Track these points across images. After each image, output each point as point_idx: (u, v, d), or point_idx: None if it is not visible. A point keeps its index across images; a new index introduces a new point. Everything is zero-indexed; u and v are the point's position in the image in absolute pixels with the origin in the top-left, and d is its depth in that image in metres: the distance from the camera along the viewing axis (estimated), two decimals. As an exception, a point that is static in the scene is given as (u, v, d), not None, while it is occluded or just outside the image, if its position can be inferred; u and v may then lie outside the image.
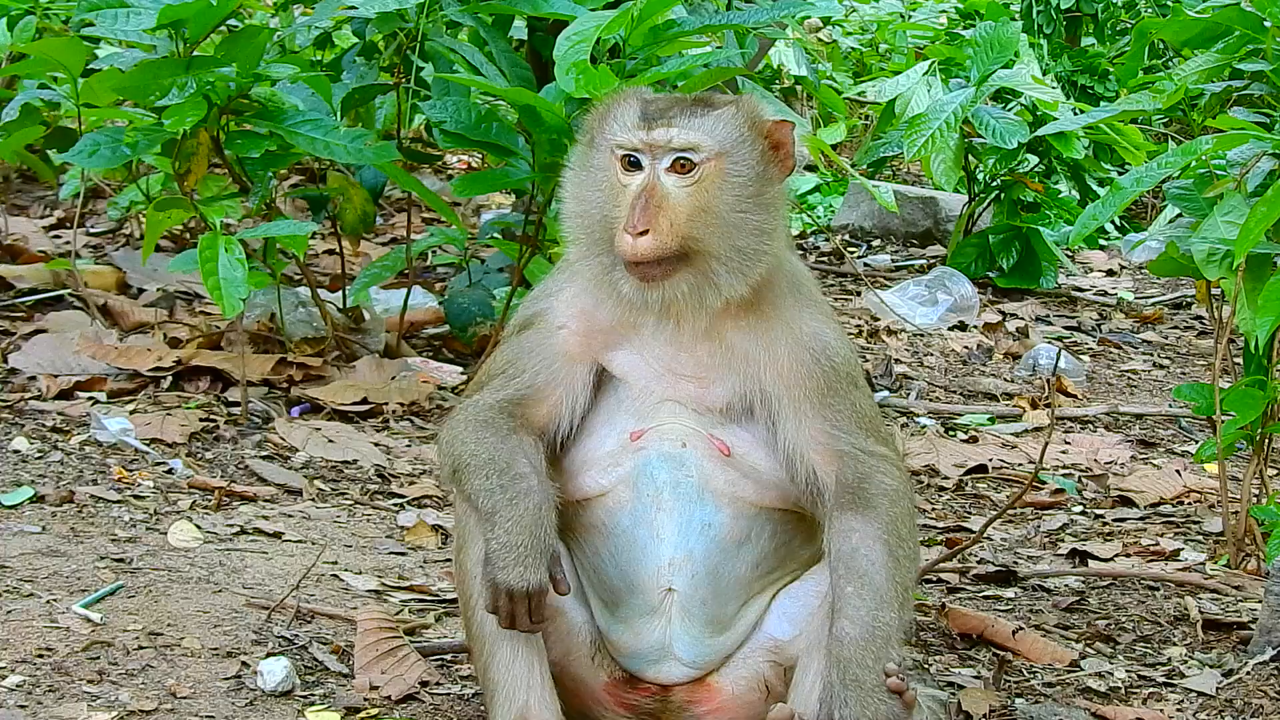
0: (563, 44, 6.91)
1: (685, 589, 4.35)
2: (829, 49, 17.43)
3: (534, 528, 4.20)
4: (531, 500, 4.23)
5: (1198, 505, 7.42)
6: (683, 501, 4.33)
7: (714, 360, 4.38)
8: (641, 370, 4.40)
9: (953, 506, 7.29)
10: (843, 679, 4.10)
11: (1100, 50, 16.49)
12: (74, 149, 7.21)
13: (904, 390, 9.14)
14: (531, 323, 4.51)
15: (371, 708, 4.75)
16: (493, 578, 4.19)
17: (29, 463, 6.47)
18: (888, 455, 4.37)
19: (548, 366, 4.43)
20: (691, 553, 4.34)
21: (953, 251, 11.83)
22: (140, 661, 4.83)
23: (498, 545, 4.20)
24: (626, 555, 4.37)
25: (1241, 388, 6.23)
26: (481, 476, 4.30)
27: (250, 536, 6.05)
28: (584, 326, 4.43)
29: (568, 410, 4.43)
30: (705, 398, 4.38)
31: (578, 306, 4.44)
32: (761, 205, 4.31)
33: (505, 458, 4.31)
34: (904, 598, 4.26)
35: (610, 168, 4.33)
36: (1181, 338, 11.03)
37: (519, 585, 4.16)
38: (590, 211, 4.36)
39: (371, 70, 8.58)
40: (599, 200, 4.34)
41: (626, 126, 4.32)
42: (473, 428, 4.40)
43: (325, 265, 9.81)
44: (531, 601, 4.18)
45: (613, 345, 4.43)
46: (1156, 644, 5.68)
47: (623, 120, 4.34)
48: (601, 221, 4.32)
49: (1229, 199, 6.15)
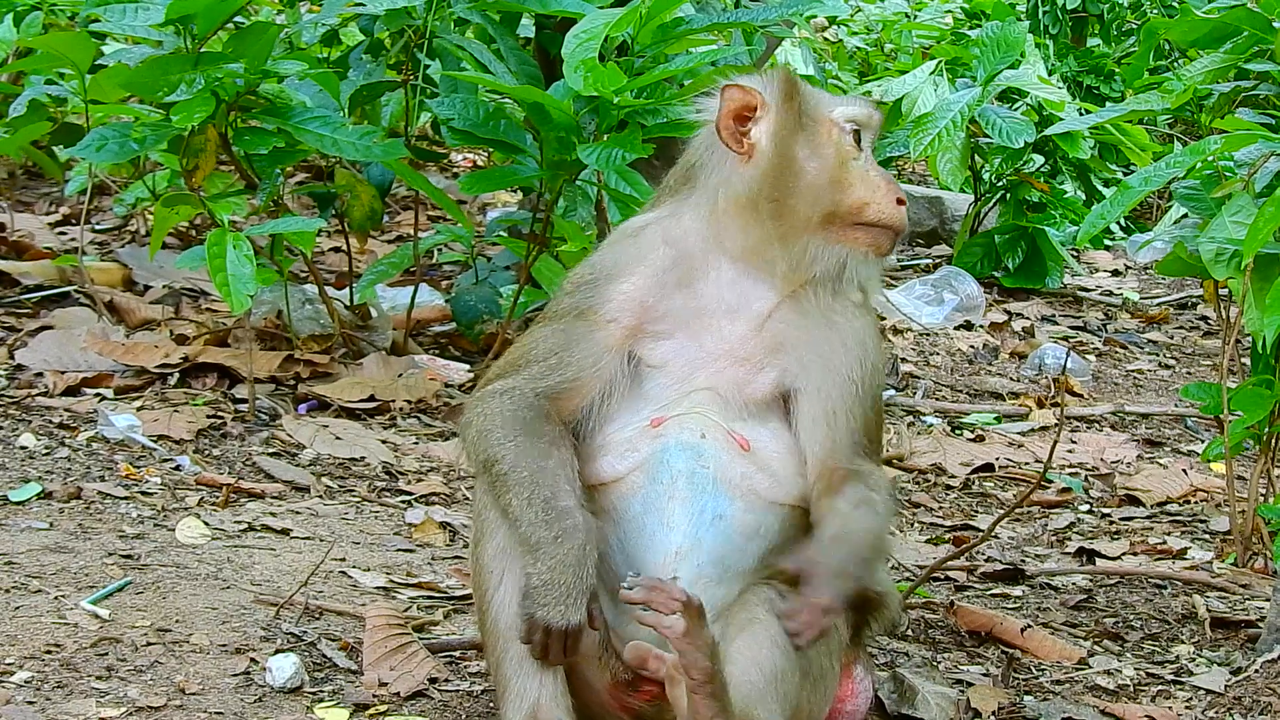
0: (571, 41, 6.92)
1: (690, 578, 4.32)
2: (834, 49, 17.42)
3: (577, 567, 4.17)
4: (577, 540, 4.19)
5: (1204, 504, 7.43)
6: (696, 491, 4.32)
7: (774, 343, 4.40)
8: (685, 357, 4.40)
9: (960, 505, 7.29)
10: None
11: (1106, 51, 16.48)
12: (81, 144, 7.21)
13: (910, 389, 9.15)
14: (584, 314, 4.44)
15: (380, 704, 4.75)
16: (531, 614, 4.16)
17: (36, 459, 6.48)
18: (874, 472, 4.43)
19: (593, 362, 4.40)
20: (700, 542, 4.33)
21: (959, 251, 11.83)
22: (149, 658, 4.83)
23: (539, 582, 4.16)
24: (635, 542, 4.35)
25: (1249, 387, 6.23)
26: (523, 500, 4.24)
27: (258, 533, 6.05)
28: (635, 320, 4.41)
29: (600, 399, 4.40)
30: (749, 385, 4.38)
31: (637, 299, 4.42)
32: None
33: (549, 484, 4.25)
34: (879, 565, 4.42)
35: (834, 140, 4.41)
36: (1187, 338, 11.03)
37: (559, 624, 4.14)
38: (815, 182, 4.40)
39: (379, 67, 8.57)
40: (824, 172, 4.40)
41: (850, 101, 4.49)
42: (509, 425, 4.33)
43: (332, 262, 9.81)
44: (569, 639, 4.16)
45: (661, 335, 4.42)
46: (1164, 642, 5.68)
47: (834, 97, 4.51)
48: (829, 187, 4.38)
49: (1237, 199, 6.16)
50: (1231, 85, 7.32)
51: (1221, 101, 7.46)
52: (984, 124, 10.82)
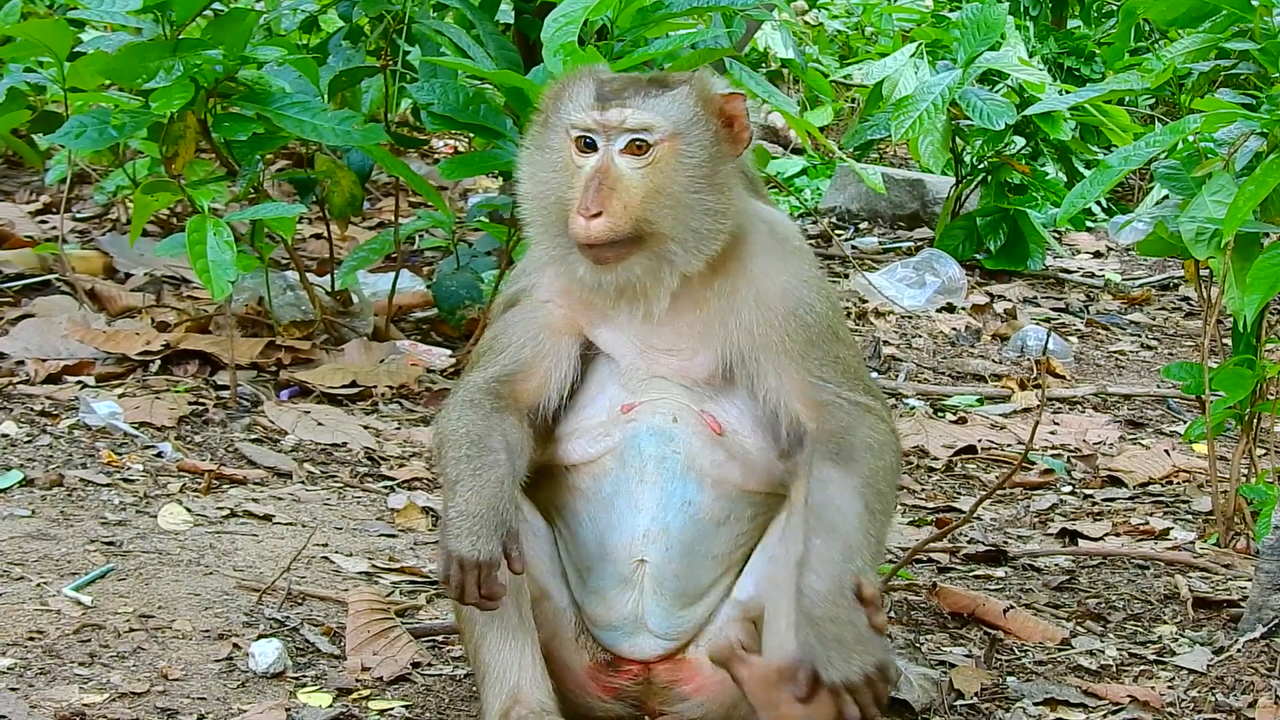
0: (550, 26, 6.90)
1: (658, 561, 4.34)
2: (815, 32, 17.40)
3: (494, 500, 4.15)
4: (495, 473, 4.19)
5: (1187, 485, 7.43)
6: (666, 477, 4.33)
7: (692, 330, 4.35)
8: (625, 347, 4.39)
9: (942, 487, 7.30)
10: (820, 638, 4.00)
11: (1086, 32, 16.49)
12: (60, 131, 7.20)
13: (892, 372, 9.15)
14: (516, 299, 4.49)
15: (363, 689, 4.75)
16: (445, 545, 4.13)
17: (18, 447, 6.47)
18: (872, 406, 4.33)
19: (533, 340, 4.41)
20: (668, 527, 4.33)
21: (940, 233, 11.83)
22: (131, 644, 4.84)
23: (455, 513, 4.14)
24: (604, 521, 4.37)
25: (1230, 367, 6.24)
26: (453, 448, 4.26)
27: (240, 519, 6.05)
28: (567, 302, 4.41)
29: (555, 384, 4.41)
30: (689, 370, 4.36)
31: (561, 283, 4.41)
32: (715, 185, 4.26)
33: (480, 431, 4.28)
34: (876, 550, 4.19)
35: (565, 148, 4.28)
36: (1169, 318, 11.04)
37: (470, 555, 4.09)
38: (545, 193, 4.31)
39: (358, 53, 8.57)
40: (554, 181, 4.29)
41: (581, 106, 4.27)
42: (459, 408, 4.37)
43: (313, 249, 9.80)
44: (481, 572, 4.09)
45: (596, 321, 4.41)
46: (1147, 622, 5.68)
47: (578, 100, 4.28)
48: (556, 203, 4.27)
49: (1217, 178, 6.16)
50: (1211, 64, 7.33)
51: (1201, 81, 7.47)
52: (965, 106, 10.82)
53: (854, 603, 4.03)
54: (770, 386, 4.31)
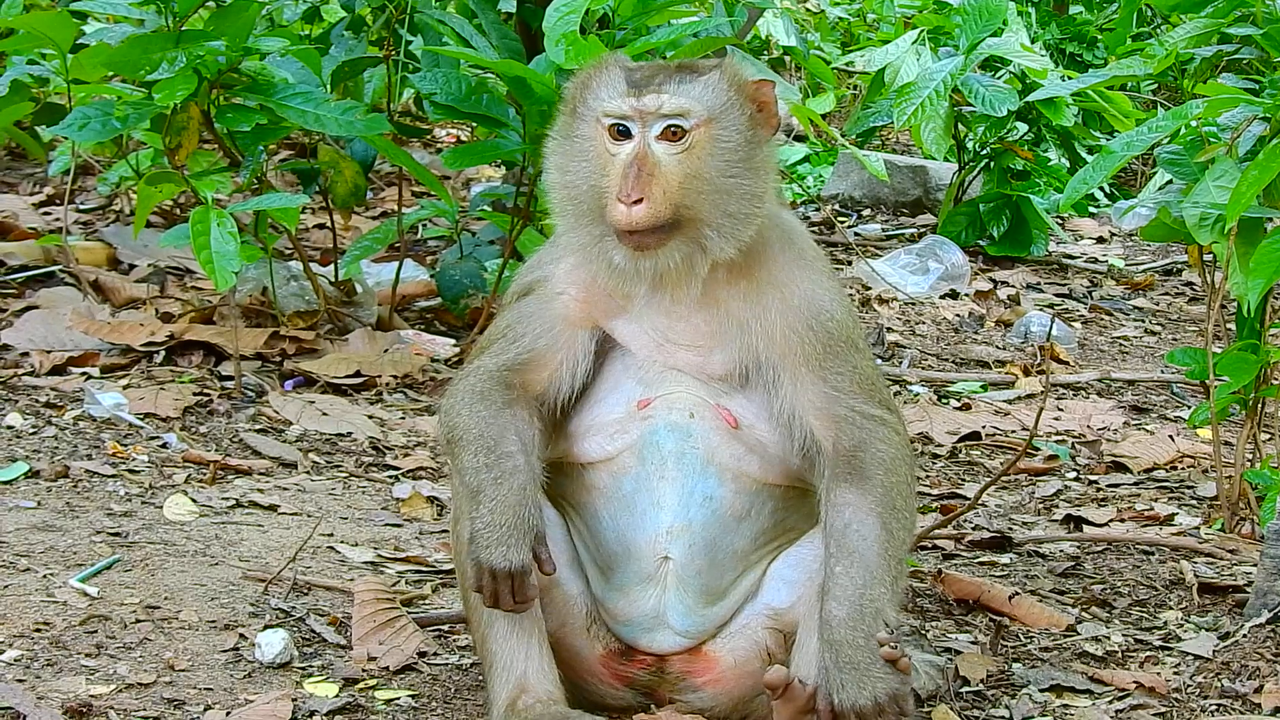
0: (552, 15, 6.91)
1: (681, 558, 4.35)
2: (816, 19, 17.38)
3: (518, 507, 4.19)
4: (517, 480, 4.22)
5: (1191, 470, 7.43)
6: (686, 473, 4.33)
7: (710, 328, 4.36)
8: (642, 340, 4.39)
9: (947, 473, 7.29)
10: (837, 662, 4.10)
11: (1088, 18, 16.46)
12: (64, 122, 7.20)
13: (896, 358, 9.15)
14: (531, 289, 4.48)
15: (369, 678, 4.75)
16: (476, 557, 4.18)
17: (23, 438, 6.48)
18: (886, 419, 4.34)
19: (548, 331, 4.41)
20: (690, 523, 4.34)
21: (943, 220, 11.82)
22: (138, 635, 4.84)
23: (482, 525, 4.19)
24: (626, 520, 4.37)
25: (1234, 352, 6.23)
26: (471, 453, 4.29)
27: (245, 510, 6.05)
28: (584, 294, 4.41)
29: (568, 375, 4.42)
30: (705, 366, 4.37)
31: (577, 276, 4.41)
32: (751, 169, 4.28)
33: (495, 434, 4.29)
34: (897, 570, 4.25)
35: (598, 137, 4.28)
36: (1172, 304, 11.04)
37: (502, 565, 4.15)
38: (577, 182, 4.32)
39: (360, 43, 8.57)
40: (586, 170, 4.30)
41: (615, 94, 4.27)
42: (469, 399, 4.38)
43: (316, 239, 9.80)
44: (515, 581, 4.16)
45: (614, 314, 4.41)
46: (1152, 608, 5.68)
47: (610, 88, 4.29)
48: (589, 192, 4.28)
49: (1220, 163, 6.15)
50: (1214, 50, 7.31)
51: (1204, 66, 7.47)
52: (967, 93, 10.81)
53: (873, 629, 4.11)
54: (787, 398, 4.33)
